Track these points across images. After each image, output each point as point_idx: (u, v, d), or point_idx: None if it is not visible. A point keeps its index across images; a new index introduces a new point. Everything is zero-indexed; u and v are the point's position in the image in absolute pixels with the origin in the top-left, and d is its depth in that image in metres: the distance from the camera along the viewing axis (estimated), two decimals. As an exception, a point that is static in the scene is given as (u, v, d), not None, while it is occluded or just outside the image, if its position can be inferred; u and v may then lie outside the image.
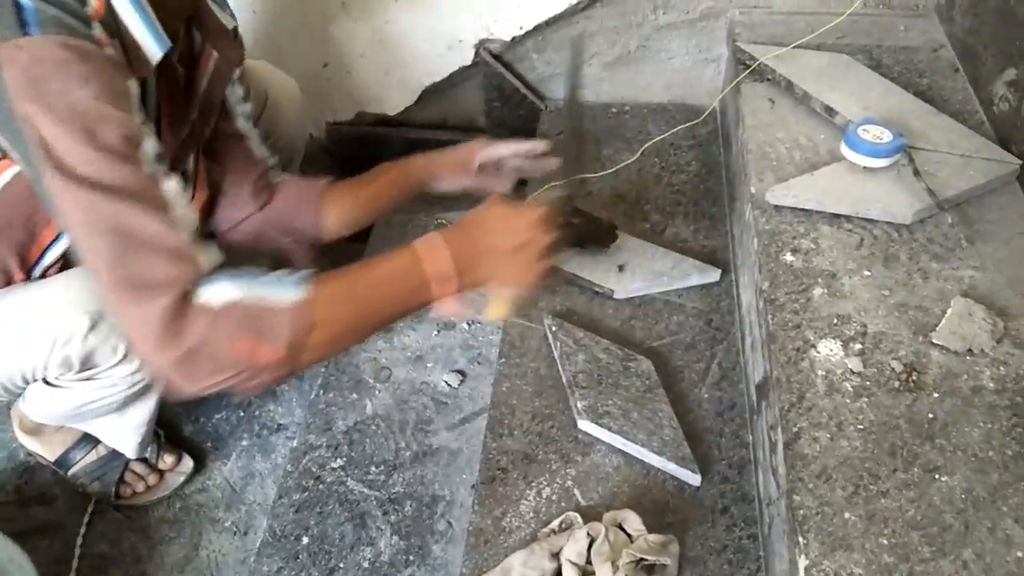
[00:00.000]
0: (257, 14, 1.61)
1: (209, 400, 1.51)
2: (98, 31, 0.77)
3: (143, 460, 1.36)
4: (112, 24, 0.80)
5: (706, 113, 1.53)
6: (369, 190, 1.25)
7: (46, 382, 1.08)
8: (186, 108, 1.06)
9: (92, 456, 1.34)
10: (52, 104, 0.73)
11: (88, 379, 1.06)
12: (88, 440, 1.34)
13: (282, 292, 0.77)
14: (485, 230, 0.88)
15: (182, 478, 1.37)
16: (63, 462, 1.35)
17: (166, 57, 0.88)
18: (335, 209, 1.22)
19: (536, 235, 0.87)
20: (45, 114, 0.73)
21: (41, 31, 0.73)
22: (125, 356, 1.04)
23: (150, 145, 0.78)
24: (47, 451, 1.36)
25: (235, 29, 1.08)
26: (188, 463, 1.38)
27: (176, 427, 1.46)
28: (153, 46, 0.86)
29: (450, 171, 1.24)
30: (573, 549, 0.92)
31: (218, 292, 0.76)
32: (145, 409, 1.21)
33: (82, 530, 1.32)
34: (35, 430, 1.35)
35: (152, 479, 1.36)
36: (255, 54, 1.66)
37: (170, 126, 1.03)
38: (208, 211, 1.20)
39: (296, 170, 1.41)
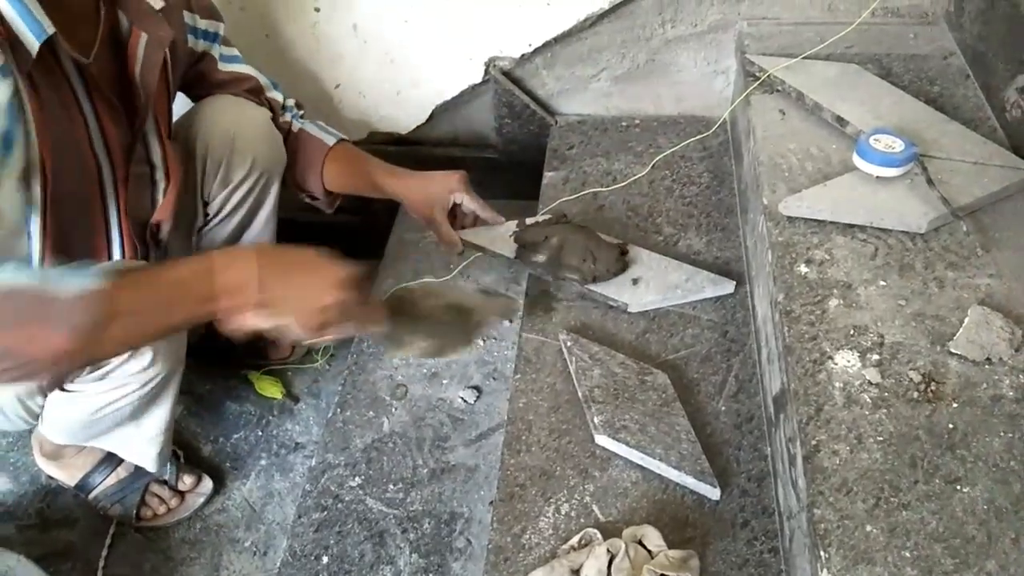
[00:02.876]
0: (270, 38, 1.63)
1: (227, 420, 1.52)
2: None
3: (163, 482, 1.37)
4: None
5: (716, 125, 1.53)
6: (356, 178, 1.36)
7: (62, 389, 1.09)
8: (129, 96, 1.07)
9: (112, 479, 1.35)
10: None
11: (100, 379, 1.07)
12: (108, 463, 1.35)
13: (71, 281, 0.76)
14: (298, 264, 0.90)
15: (202, 499, 1.38)
16: (84, 486, 1.36)
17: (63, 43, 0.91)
18: (332, 175, 1.35)
19: (334, 291, 0.89)
20: None
21: None
22: (136, 350, 1.03)
23: None
24: (67, 476, 1.37)
25: (163, 8, 1.08)
26: (208, 484, 1.38)
27: (195, 448, 1.48)
28: (28, 35, 0.87)
29: (416, 211, 1.33)
30: (593, 566, 0.91)
31: None
32: (160, 417, 1.21)
33: (104, 552, 1.33)
34: (55, 454, 1.36)
35: (173, 501, 1.37)
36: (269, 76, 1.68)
37: (112, 119, 1.04)
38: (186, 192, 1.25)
39: (276, 196, 1.41)
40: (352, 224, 1.95)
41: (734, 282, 1.28)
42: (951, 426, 0.84)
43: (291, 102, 1.38)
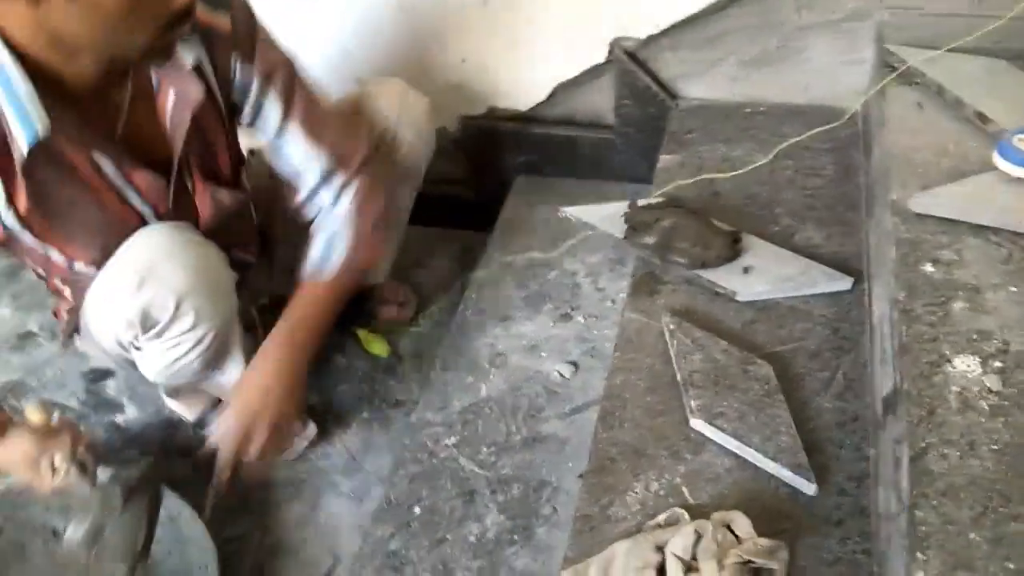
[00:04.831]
0: (405, 11, 1.68)
1: (335, 373, 1.59)
2: None
3: None
4: None
5: (848, 115, 1.47)
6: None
7: (135, 347, 1.15)
8: (162, 148, 1.08)
9: None
10: None
11: (157, 337, 1.11)
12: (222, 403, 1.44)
13: None
14: None
15: (306, 443, 1.45)
16: (202, 422, 1.46)
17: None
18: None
19: None
20: None
21: None
22: (177, 310, 1.07)
23: None
24: (188, 411, 1.47)
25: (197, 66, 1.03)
26: (312, 428, 1.46)
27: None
28: (22, 134, 0.90)
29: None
30: (679, 544, 0.91)
31: None
32: (237, 369, 1.24)
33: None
34: (174, 391, 1.46)
35: None
36: (398, 52, 1.73)
37: (144, 177, 1.07)
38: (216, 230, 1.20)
39: (419, 182, 1.48)
40: (467, 197, 1.99)
41: (852, 278, 1.24)
42: (1076, 442, 0.79)
43: (337, 181, 1.19)
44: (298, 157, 1.16)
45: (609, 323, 1.45)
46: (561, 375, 1.38)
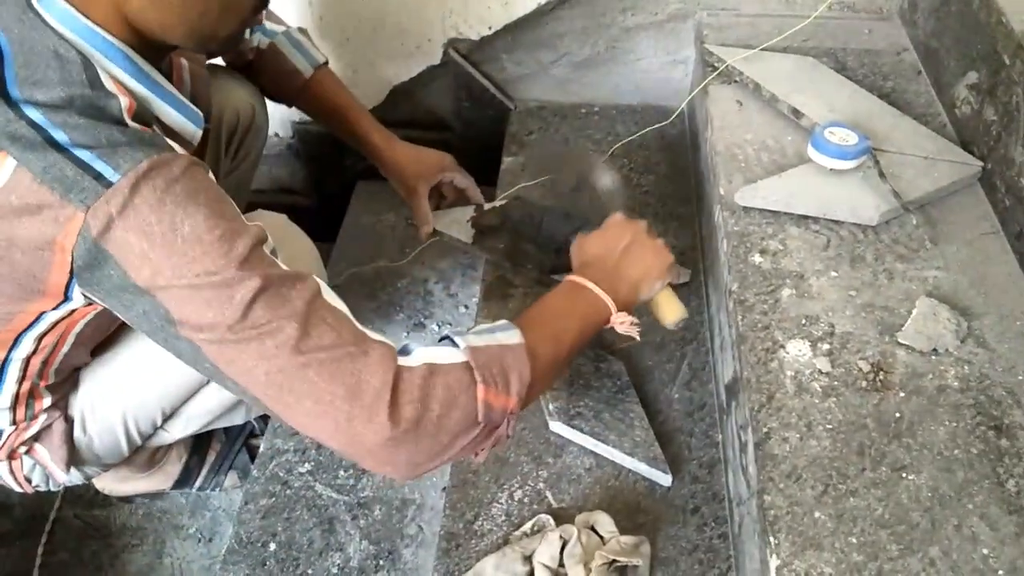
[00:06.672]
0: (221, 11, 1.58)
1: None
2: (137, 128, 0.67)
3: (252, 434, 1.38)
4: (145, 114, 0.71)
5: (675, 115, 1.53)
6: (336, 122, 1.27)
7: None
8: None
9: (209, 459, 1.33)
10: (168, 263, 0.64)
11: None
12: (196, 451, 1.33)
13: (505, 334, 0.76)
14: (609, 248, 0.97)
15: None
16: (184, 480, 1.32)
17: None
18: (309, 109, 1.28)
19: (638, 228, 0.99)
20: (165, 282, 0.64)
21: (118, 171, 0.63)
22: None
23: (264, 238, 0.70)
24: (161, 480, 1.31)
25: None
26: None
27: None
28: (189, 126, 0.79)
29: (400, 180, 1.27)
30: (546, 552, 0.91)
31: (431, 354, 0.72)
32: None
33: (43, 540, 1.28)
34: (149, 463, 1.28)
35: None
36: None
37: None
38: None
39: (251, 168, 1.39)
40: (306, 206, 1.91)
41: (689, 271, 1.29)
42: (898, 415, 0.86)
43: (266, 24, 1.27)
44: None
45: (463, 330, 1.43)
46: (417, 387, 1.35)
